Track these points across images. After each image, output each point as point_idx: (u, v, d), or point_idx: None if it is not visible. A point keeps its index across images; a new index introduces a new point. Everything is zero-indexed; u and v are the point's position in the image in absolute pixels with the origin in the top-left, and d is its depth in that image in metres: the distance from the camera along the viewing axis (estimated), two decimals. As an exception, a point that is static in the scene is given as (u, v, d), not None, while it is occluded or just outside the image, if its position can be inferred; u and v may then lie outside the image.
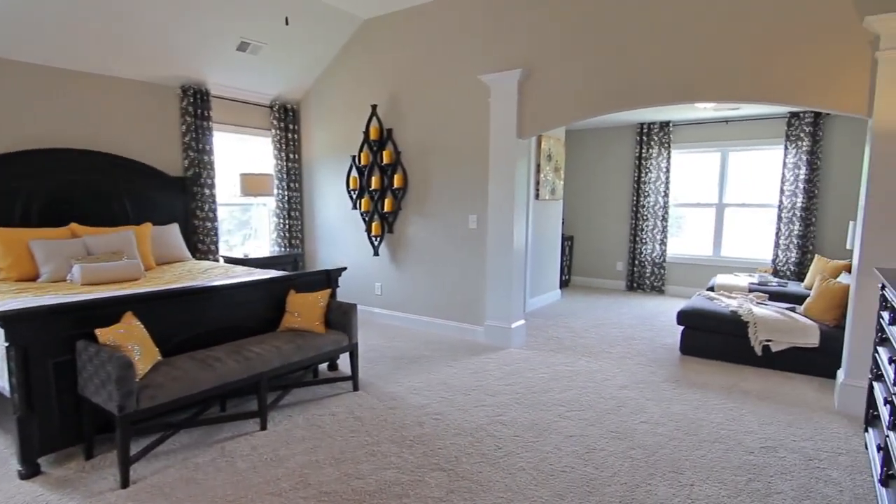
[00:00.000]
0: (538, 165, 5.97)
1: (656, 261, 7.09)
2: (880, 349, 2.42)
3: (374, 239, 5.38)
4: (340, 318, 3.36)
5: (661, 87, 3.66)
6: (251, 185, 5.27)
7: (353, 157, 5.39)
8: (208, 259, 5.16)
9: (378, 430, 2.85)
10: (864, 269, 3.03)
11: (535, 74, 4.21)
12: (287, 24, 4.71)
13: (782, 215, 6.17)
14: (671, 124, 6.82)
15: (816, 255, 5.37)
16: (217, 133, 5.36)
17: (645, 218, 7.11)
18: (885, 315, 2.36)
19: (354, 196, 5.44)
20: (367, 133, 5.22)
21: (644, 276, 7.20)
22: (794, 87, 3.22)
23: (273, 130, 5.84)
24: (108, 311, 2.55)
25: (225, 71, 5.10)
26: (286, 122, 5.91)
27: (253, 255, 5.34)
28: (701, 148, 6.80)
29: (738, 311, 4.09)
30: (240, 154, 5.80)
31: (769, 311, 4.07)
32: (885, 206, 2.95)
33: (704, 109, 5.75)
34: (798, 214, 6.06)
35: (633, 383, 3.61)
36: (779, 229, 6.21)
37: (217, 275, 3.86)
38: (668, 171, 6.90)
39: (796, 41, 3.20)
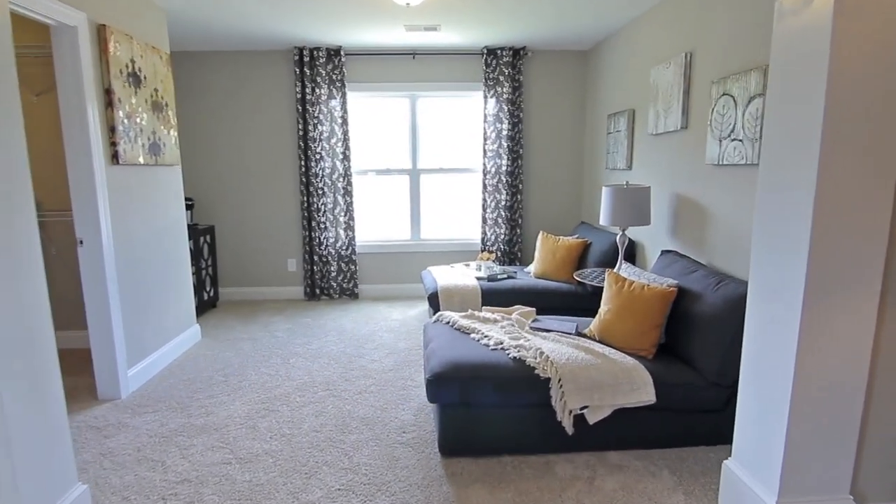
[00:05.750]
0: (108, 90, 2.83)
1: (343, 253, 4.95)
2: None
3: None
4: None
5: None
6: None
7: None
8: None
9: None
10: (822, 277, 1.49)
11: None
12: None
13: (487, 182, 4.90)
14: (342, 52, 4.63)
15: (542, 232, 4.21)
16: None
17: (321, 192, 4.81)
18: None
19: None
20: None
21: (329, 277, 4.97)
22: None
23: None
24: None
25: None
26: None
27: None
28: (384, 90, 4.87)
29: (525, 357, 2.27)
30: None
31: (566, 346, 2.39)
32: (852, 138, 1.44)
33: (400, 13, 3.75)
34: (504, 180, 4.88)
35: None
36: (485, 200, 4.93)
37: None
38: (344, 122, 4.73)
39: None
